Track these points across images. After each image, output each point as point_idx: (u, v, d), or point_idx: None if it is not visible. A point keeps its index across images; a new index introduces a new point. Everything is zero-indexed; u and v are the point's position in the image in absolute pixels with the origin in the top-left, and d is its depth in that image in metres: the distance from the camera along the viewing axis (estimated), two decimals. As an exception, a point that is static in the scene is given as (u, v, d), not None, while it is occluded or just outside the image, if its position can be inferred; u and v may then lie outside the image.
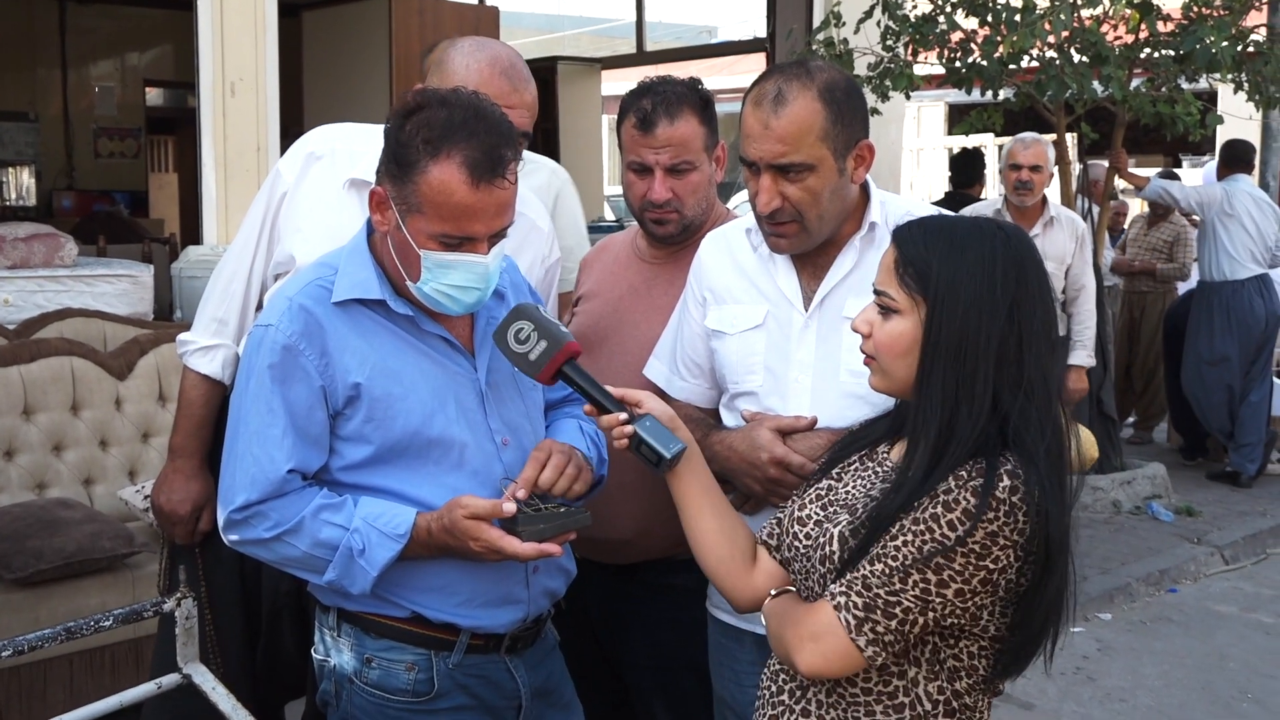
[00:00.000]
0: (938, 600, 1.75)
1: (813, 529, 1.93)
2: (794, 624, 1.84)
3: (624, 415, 2.05)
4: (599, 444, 2.37)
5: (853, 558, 1.81)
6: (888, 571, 1.75)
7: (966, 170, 8.69)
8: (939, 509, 1.74)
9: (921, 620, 1.77)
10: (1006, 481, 1.72)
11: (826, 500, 1.96)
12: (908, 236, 1.87)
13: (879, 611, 1.76)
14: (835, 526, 1.86)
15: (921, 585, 1.74)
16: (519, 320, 2.10)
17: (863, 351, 1.92)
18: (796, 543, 1.95)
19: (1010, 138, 6.87)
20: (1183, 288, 8.95)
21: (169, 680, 2.53)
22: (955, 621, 1.80)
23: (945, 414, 1.78)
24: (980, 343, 1.78)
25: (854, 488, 1.94)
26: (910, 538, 1.74)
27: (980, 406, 1.77)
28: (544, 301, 2.64)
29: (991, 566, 1.74)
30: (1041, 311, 1.83)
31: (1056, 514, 1.75)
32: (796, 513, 1.98)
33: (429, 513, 2.12)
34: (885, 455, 1.96)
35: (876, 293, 1.89)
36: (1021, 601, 1.79)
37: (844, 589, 1.78)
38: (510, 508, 2.07)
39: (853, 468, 1.98)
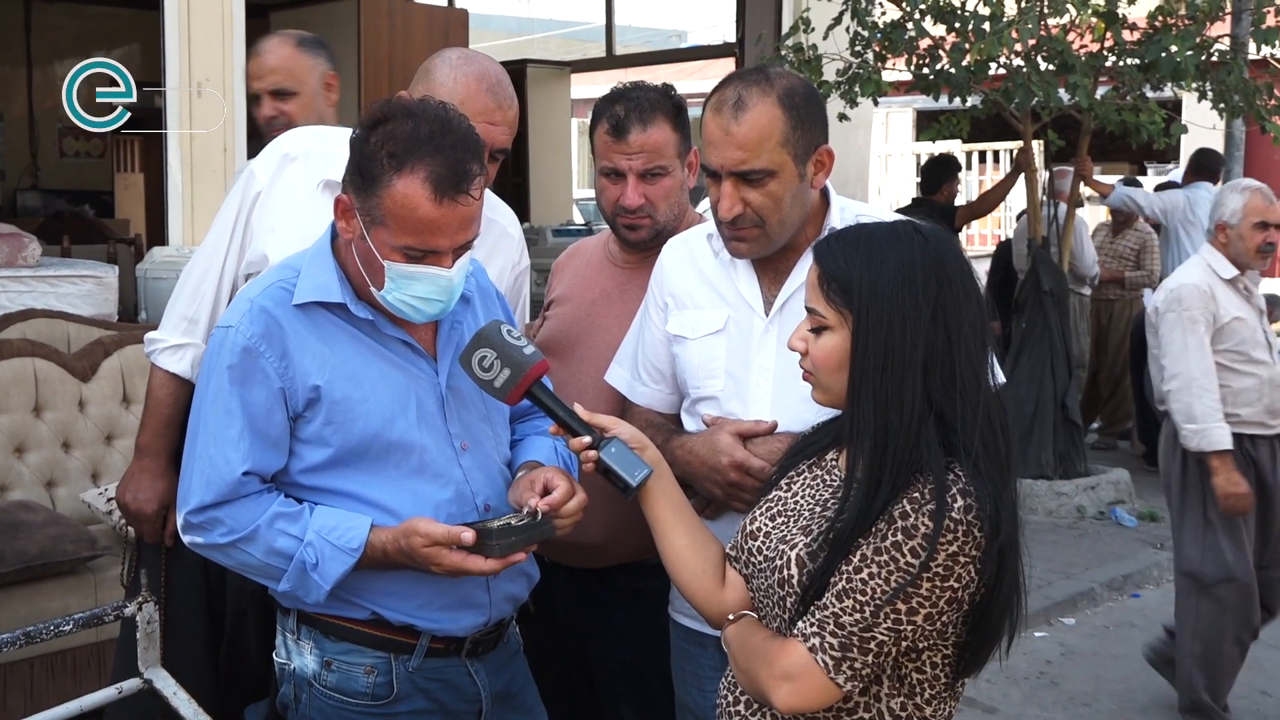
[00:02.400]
0: (909, 628, 1.76)
1: (762, 542, 1.93)
2: (764, 661, 1.84)
3: (588, 439, 2.05)
4: (570, 463, 2.36)
5: (813, 582, 1.81)
6: (858, 607, 1.75)
7: (937, 176, 8.71)
8: (899, 537, 1.74)
9: (895, 650, 1.78)
10: (960, 501, 1.73)
11: (776, 511, 1.96)
12: (827, 251, 1.88)
13: (855, 650, 1.76)
14: (792, 549, 1.85)
15: (893, 618, 1.75)
16: (482, 348, 2.09)
17: (802, 368, 1.93)
18: (752, 558, 1.95)
19: (1238, 189, 4.95)
20: (1148, 295, 9.00)
21: (130, 685, 2.52)
22: (925, 643, 1.81)
23: (878, 424, 1.79)
24: (906, 349, 1.79)
25: (803, 498, 1.95)
26: (875, 569, 1.74)
27: (910, 412, 1.78)
28: (512, 309, 2.64)
29: (956, 585, 1.75)
30: (970, 310, 1.83)
31: (1006, 514, 1.76)
32: (748, 526, 1.98)
33: (385, 529, 2.11)
34: (834, 463, 1.96)
35: (808, 310, 1.90)
36: (979, 605, 1.80)
37: (816, 629, 1.78)
38: (469, 536, 2.05)
39: (802, 476, 1.99)
